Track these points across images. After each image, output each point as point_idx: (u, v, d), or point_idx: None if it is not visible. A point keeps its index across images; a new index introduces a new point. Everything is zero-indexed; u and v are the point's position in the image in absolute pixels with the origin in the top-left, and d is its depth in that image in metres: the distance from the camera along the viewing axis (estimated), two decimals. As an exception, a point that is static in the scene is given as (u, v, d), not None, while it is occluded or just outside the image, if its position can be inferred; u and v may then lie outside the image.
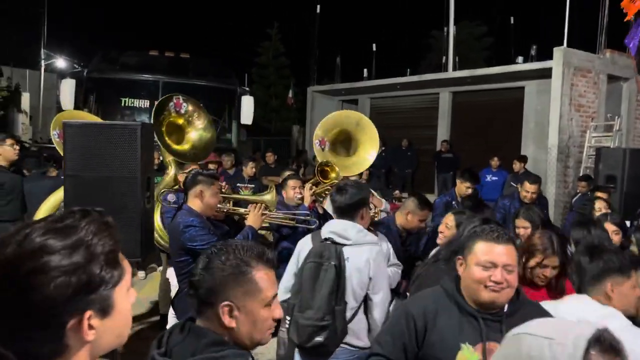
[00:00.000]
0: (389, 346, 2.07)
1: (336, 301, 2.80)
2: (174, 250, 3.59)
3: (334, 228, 2.94)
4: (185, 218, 3.42)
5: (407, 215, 3.99)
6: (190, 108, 4.66)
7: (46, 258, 0.93)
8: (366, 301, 2.92)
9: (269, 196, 4.06)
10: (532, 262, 2.72)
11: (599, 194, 5.58)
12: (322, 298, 2.80)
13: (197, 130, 4.71)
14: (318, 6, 16.67)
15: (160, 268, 5.98)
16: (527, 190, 5.55)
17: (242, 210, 3.99)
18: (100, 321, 1.00)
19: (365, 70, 16.66)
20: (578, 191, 8.04)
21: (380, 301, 2.90)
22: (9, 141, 5.18)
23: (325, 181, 4.50)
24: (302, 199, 4.49)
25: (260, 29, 28.85)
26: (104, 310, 1.01)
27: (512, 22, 19.31)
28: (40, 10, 19.01)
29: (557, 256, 2.69)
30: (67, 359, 0.99)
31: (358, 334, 2.91)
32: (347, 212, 2.97)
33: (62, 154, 4.27)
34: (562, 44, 10.13)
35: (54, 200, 4.61)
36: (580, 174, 9.17)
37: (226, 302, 1.42)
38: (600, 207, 4.70)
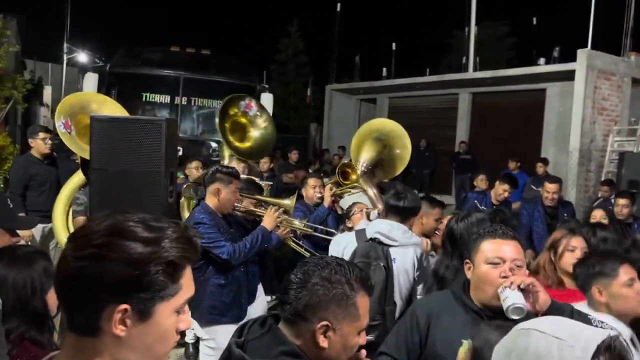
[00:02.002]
0: (393, 345, 2.09)
1: (385, 301, 2.84)
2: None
3: (380, 228, 2.99)
4: (198, 215, 3.43)
5: (421, 219, 3.98)
6: (259, 111, 4.85)
7: (122, 241, 1.00)
8: (410, 300, 2.96)
9: (288, 201, 4.05)
10: (560, 249, 2.67)
11: (619, 199, 5.46)
12: (372, 298, 2.83)
13: (259, 130, 4.84)
14: (339, 4, 16.65)
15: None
16: (548, 190, 5.52)
17: (258, 211, 4.00)
18: (133, 322, 1.00)
19: (384, 69, 16.60)
20: (600, 196, 7.93)
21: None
22: (41, 135, 5.29)
23: (345, 182, 4.51)
24: (321, 198, 4.50)
25: (280, 27, 28.92)
26: (142, 313, 1.01)
27: (534, 22, 19.06)
28: (64, 5, 19.28)
29: (582, 236, 2.67)
30: (96, 345, 1.01)
31: None
32: (401, 215, 3.04)
33: (68, 145, 4.33)
34: (585, 46, 10.00)
35: (72, 185, 4.71)
36: (602, 179, 9.05)
37: (325, 323, 1.38)
38: (596, 215, 4.65)
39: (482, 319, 1.92)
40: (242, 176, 4.74)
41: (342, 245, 3.26)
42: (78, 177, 4.69)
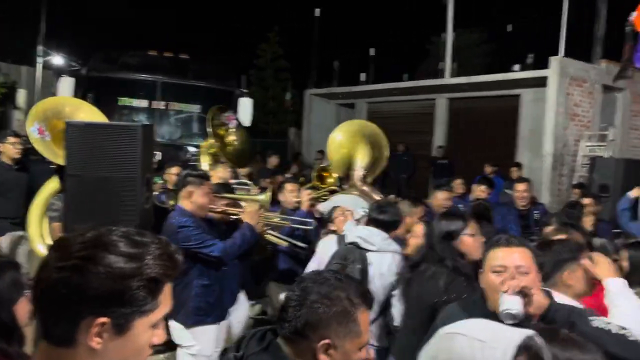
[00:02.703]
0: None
1: None
2: (169, 250, 3.62)
3: (361, 233, 3.05)
4: (180, 218, 3.43)
5: (405, 220, 4.04)
6: (235, 128, 4.96)
7: (106, 254, 1.01)
8: (387, 304, 3.02)
9: (263, 196, 4.08)
10: None
11: (587, 200, 5.69)
12: None
13: (233, 145, 4.98)
14: (317, 10, 16.74)
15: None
16: (518, 190, 5.70)
17: (234, 210, 4.01)
18: (110, 336, 1.01)
19: (363, 74, 16.72)
20: (572, 199, 8.13)
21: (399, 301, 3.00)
22: (10, 139, 5.20)
23: (322, 186, 4.55)
24: (299, 202, 4.53)
25: (259, 32, 28.90)
26: (120, 327, 1.02)
27: (509, 30, 19.42)
28: (38, 7, 18.99)
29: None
30: (70, 356, 1.02)
31: (377, 336, 3.05)
32: (382, 227, 3.12)
33: (41, 152, 4.27)
34: (558, 53, 10.24)
35: (48, 190, 4.66)
36: (574, 183, 9.26)
37: (326, 341, 1.36)
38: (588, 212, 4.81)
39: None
40: (219, 178, 4.77)
41: (322, 249, 3.32)
42: (54, 183, 4.63)
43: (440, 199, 5.37)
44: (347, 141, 4.80)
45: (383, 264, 2.96)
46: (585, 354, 1.37)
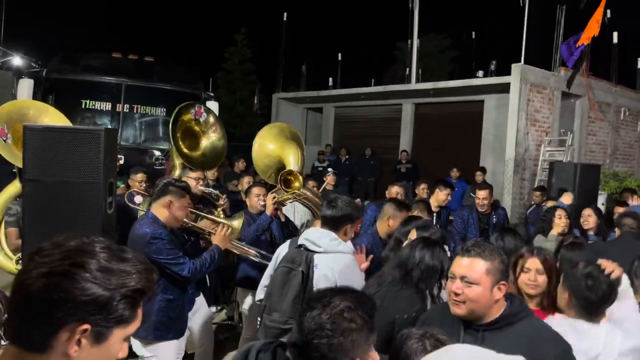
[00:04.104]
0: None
1: (301, 306, 2.85)
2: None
3: (309, 235, 3.02)
4: (153, 229, 3.31)
5: (388, 222, 4.03)
6: (210, 119, 4.78)
7: (94, 262, 1.04)
8: None
9: (236, 222, 4.03)
10: (518, 269, 2.69)
11: (550, 203, 5.92)
12: (287, 302, 2.87)
13: (210, 140, 4.79)
14: (285, 14, 16.75)
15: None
16: (479, 197, 5.84)
17: (203, 226, 3.97)
18: (88, 344, 1.03)
19: (330, 79, 16.82)
20: (533, 202, 8.36)
21: None
22: None
23: (287, 190, 4.56)
24: (265, 206, 4.52)
25: (226, 34, 28.73)
26: (98, 336, 1.04)
27: (473, 36, 19.85)
28: (-3, 6, 18.40)
29: (537, 257, 2.67)
30: None
31: None
32: (331, 224, 3.03)
33: (2, 154, 4.15)
34: (520, 61, 10.53)
35: (7, 194, 4.53)
36: (535, 186, 9.52)
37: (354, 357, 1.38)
38: (560, 214, 4.93)
39: (469, 329, 2.02)
40: (200, 189, 4.72)
41: (278, 252, 3.28)
42: (14, 187, 4.50)
43: (393, 192, 5.52)
44: (275, 145, 4.84)
45: (328, 266, 2.88)
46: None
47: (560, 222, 4.74)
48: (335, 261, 2.90)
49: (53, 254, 1.04)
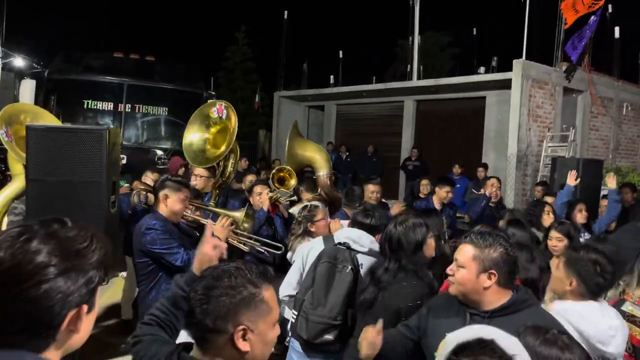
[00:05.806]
0: (412, 319, 2.34)
1: (349, 304, 2.91)
2: (135, 250, 3.57)
3: (350, 234, 3.09)
4: (149, 220, 3.38)
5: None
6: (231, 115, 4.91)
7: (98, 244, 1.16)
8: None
9: (239, 213, 4.04)
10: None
11: (548, 199, 5.94)
12: (337, 298, 2.93)
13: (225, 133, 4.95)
14: (286, 12, 16.74)
15: (123, 273, 5.90)
16: (493, 185, 6.21)
17: (204, 220, 3.98)
18: (87, 316, 1.13)
19: (331, 77, 16.80)
20: (535, 198, 8.35)
21: None
22: None
23: (281, 188, 4.60)
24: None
25: (227, 33, 28.73)
26: (92, 305, 1.14)
27: (474, 33, 19.81)
28: (-1, 7, 18.45)
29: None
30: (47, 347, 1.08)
31: None
32: (367, 232, 3.17)
33: (12, 153, 4.19)
34: (521, 57, 10.51)
35: (10, 192, 4.55)
36: (537, 182, 9.51)
37: (241, 327, 1.38)
38: (548, 210, 4.98)
39: (465, 315, 2.10)
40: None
41: (307, 249, 3.33)
42: (16, 185, 4.52)
43: (370, 191, 5.52)
44: (299, 147, 4.92)
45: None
46: (565, 353, 1.49)
47: (548, 218, 4.83)
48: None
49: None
